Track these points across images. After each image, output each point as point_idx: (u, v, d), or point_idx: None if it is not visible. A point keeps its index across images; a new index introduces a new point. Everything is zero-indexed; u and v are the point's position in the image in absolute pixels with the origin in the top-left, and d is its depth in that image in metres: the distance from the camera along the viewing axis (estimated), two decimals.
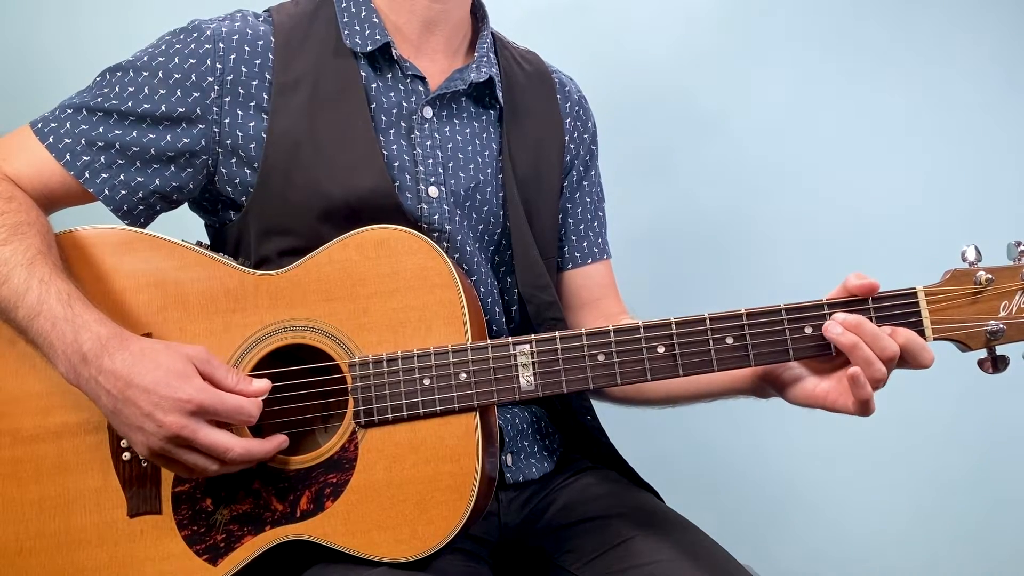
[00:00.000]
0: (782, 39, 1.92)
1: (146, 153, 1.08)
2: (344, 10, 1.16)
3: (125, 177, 1.08)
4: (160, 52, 1.09)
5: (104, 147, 1.07)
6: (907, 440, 1.94)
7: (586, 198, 1.32)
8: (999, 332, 0.97)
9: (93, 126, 1.07)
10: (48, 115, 1.10)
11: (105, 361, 0.91)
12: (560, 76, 1.32)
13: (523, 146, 1.21)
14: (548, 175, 1.24)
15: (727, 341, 0.98)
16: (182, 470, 0.94)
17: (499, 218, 1.19)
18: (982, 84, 1.93)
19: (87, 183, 1.07)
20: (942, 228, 1.84)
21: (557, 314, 1.20)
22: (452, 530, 0.97)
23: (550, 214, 1.24)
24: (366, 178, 1.08)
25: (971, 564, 1.95)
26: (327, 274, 1.01)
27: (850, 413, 0.99)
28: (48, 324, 0.94)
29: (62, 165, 1.07)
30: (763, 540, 1.94)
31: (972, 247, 0.99)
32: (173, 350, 0.93)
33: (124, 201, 1.09)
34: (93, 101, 1.08)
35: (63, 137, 1.07)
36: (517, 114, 1.22)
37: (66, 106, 1.09)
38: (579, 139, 1.31)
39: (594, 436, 1.22)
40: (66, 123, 1.08)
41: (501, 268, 1.22)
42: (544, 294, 1.19)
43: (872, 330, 0.95)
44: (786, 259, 1.92)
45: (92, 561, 0.99)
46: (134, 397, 0.90)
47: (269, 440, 0.96)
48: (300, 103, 1.09)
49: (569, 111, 1.30)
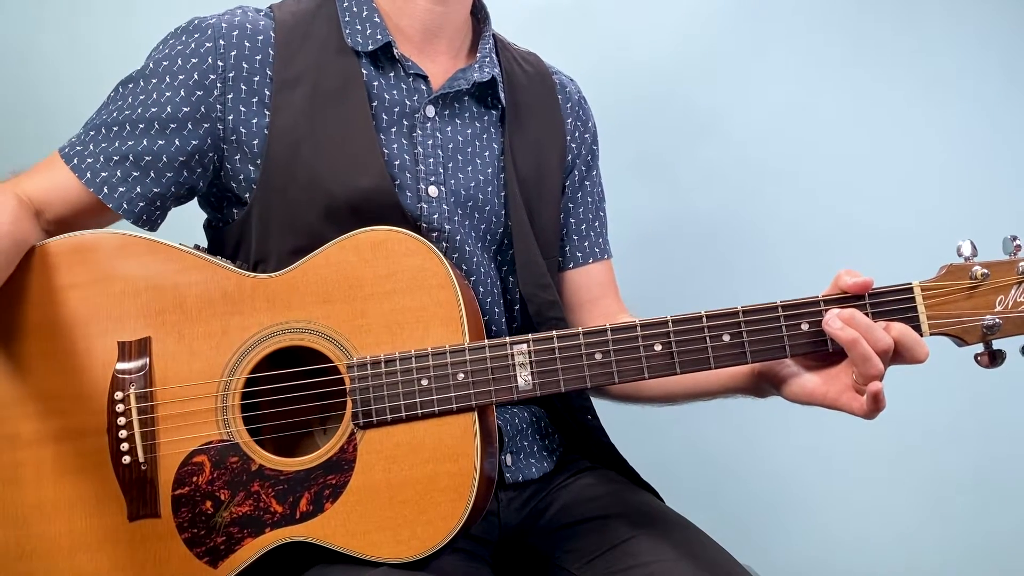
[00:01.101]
0: (782, 41, 1.93)
1: (159, 161, 1.09)
2: (346, 9, 1.16)
3: (141, 189, 1.09)
4: (164, 56, 1.10)
5: (119, 160, 1.08)
6: (907, 440, 1.94)
7: (588, 198, 1.33)
8: (995, 326, 0.97)
9: (110, 141, 1.09)
10: (74, 139, 1.12)
11: None
12: (560, 77, 1.33)
13: (525, 146, 1.21)
14: (550, 175, 1.25)
15: (724, 338, 0.98)
16: None
17: (500, 218, 1.20)
18: (979, 83, 1.93)
19: (106, 198, 1.09)
20: (938, 224, 1.84)
21: (558, 313, 1.20)
22: (452, 530, 0.97)
23: (551, 214, 1.25)
24: (366, 177, 1.09)
25: (971, 564, 1.94)
26: (324, 276, 1.02)
27: (855, 414, 0.98)
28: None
29: (83, 183, 1.08)
30: (763, 540, 1.94)
31: (968, 242, 0.99)
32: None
33: (143, 212, 1.11)
34: (109, 116, 1.10)
35: (86, 157, 1.09)
36: (519, 114, 1.22)
37: (88, 127, 1.11)
38: (580, 139, 1.31)
39: (594, 436, 1.22)
40: (89, 144, 1.10)
41: (503, 268, 1.22)
42: (545, 293, 1.19)
43: (865, 323, 0.95)
44: (785, 258, 1.92)
45: (92, 565, 0.99)
46: None
47: None
48: (301, 100, 1.10)
49: (570, 111, 1.30)
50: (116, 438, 1.00)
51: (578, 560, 1.08)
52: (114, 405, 1.00)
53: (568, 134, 1.29)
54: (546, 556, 1.12)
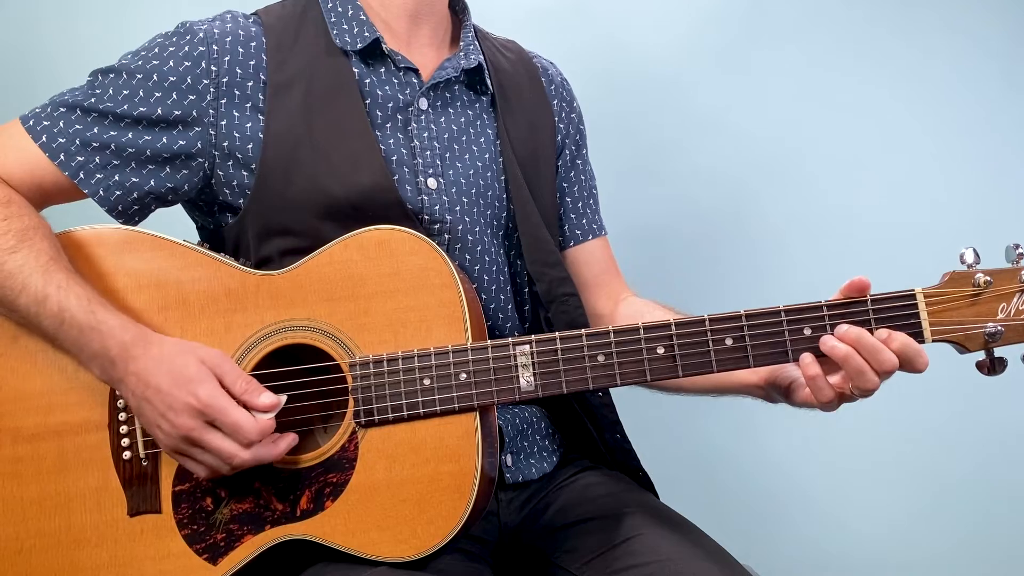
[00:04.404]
0: (782, 39, 1.93)
1: (141, 155, 1.08)
2: (330, 10, 1.16)
3: (120, 178, 1.08)
4: (153, 55, 1.09)
5: (99, 148, 1.07)
6: (907, 440, 1.94)
7: (580, 176, 1.34)
8: (997, 334, 0.97)
9: (87, 127, 1.07)
10: (40, 112, 1.08)
11: (130, 365, 0.96)
12: (541, 61, 1.34)
13: (518, 128, 1.23)
14: (544, 155, 1.26)
15: (726, 342, 0.99)
16: (200, 468, 0.97)
17: (503, 201, 1.20)
18: (982, 85, 1.93)
19: (81, 183, 1.07)
20: (941, 230, 1.84)
21: (570, 289, 1.20)
22: (452, 530, 0.97)
23: (549, 194, 1.26)
24: (365, 174, 1.09)
25: (971, 564, 1.95)
26: (328, 274, 1.01)
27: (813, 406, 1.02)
28: (75, 332, 0.97)
29: (56, 165, 1.06)
30: (763, 540, 1.94)
31: (971, 249, 0.99)
32: (189, 353, 0.96)
33: (118, 201, 1.09)
34: (87, 101, 1.07)
35: (56, 136, 1.06)
36: (508, 98, 1.23)
37: (58, 104, 1.08)
38: (567, 119, 1.32)
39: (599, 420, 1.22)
40: (59, 122, 1.07)
41: (511, 252, 1.22)
42: (555, 271, 1.20)
43: (872, 344, 0.96)
44: (786, 260, 1.92)
45: (92, 560, 0.99)
46: (151, 397, 0.95)
47: (277, 443, 0.97)
48: (296, 103, 1.10)
49: (555, 93, 1.32)
50: (117, 433, 1.00)
51: (578, 560, 1.08)
52: (115, 400, 1.01)
53: (556, 115, 1.30)
54: (546, 556, 1.12)
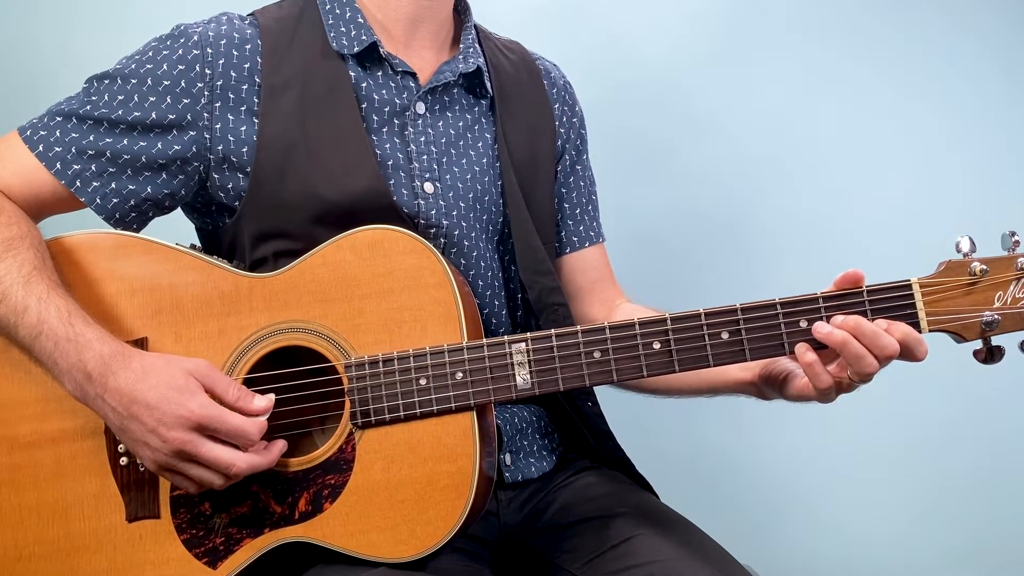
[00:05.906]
0: (781, 38, 1.93)
1: (137, 161, 1.08)
2: (328, 12, 1.16)
3: (116, 185, 1.08)
4: (148, 59, 1.09)
5: (95, 156, 1.07)
6: (907, 440, 1.93)
7: (580, 182, 1.33)
8: (994, 322, 0.97)
9: (83, 134, 1.07)
10: (37, 122, 1.09)
11: (109, 380, 0.93)
12: (544, 63, 1.33)
13: (517, 133, 1.22)
14: (543, 161, 1.25)
15: (723, 336, 0.98)
16: (191, 484, 0.95)
17: (499, 207, 1.20)
18: (980, 81, 1.93)
19: (78, 192, 1.07)
20: (936, 220, 1.84)
21: (559, 299, 1.20)
22: (451, 530, 0.96)
23: (547, 199, 1.25)
24: (359, 179, 1.08)
25: (971, 564, 1.94)
26: (321, 276, 1.01)
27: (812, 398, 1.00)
28: (51, 344, 0.95)
29: (52, 174, 1.07)
30: (763, 540, 1.93)
31: (966, 238, 0.99)
32: (174, 365, 0.94)
33: (116, 209, 1.09)
34: (83, 109, 1.08)
35: (53, 145, 1.07)
36: (508, 102, 1.22)
37: (55, 113, 1.09)
38: (568, 123, 1.31)
39: (592, 424, 1.21)
40: (56, 131, 1.07)
41: (505, 257, 1.22)
42: (545, 279, 1.19)
43: (871, 329, 0.95)
44: (785, 256, 1.92)
45: (91, 566, 0.98)
46: (138, 414, 0.92)
47: (269, 450, 0.96)
48: (290, 106, 1.09)
49: (557, 96, 1.31)
50: (114, 439, 1.00)
51: (578, 560, 1.08)
52: None
53: (556, 119, 1.29)
54: (546, 556, 1.11)
